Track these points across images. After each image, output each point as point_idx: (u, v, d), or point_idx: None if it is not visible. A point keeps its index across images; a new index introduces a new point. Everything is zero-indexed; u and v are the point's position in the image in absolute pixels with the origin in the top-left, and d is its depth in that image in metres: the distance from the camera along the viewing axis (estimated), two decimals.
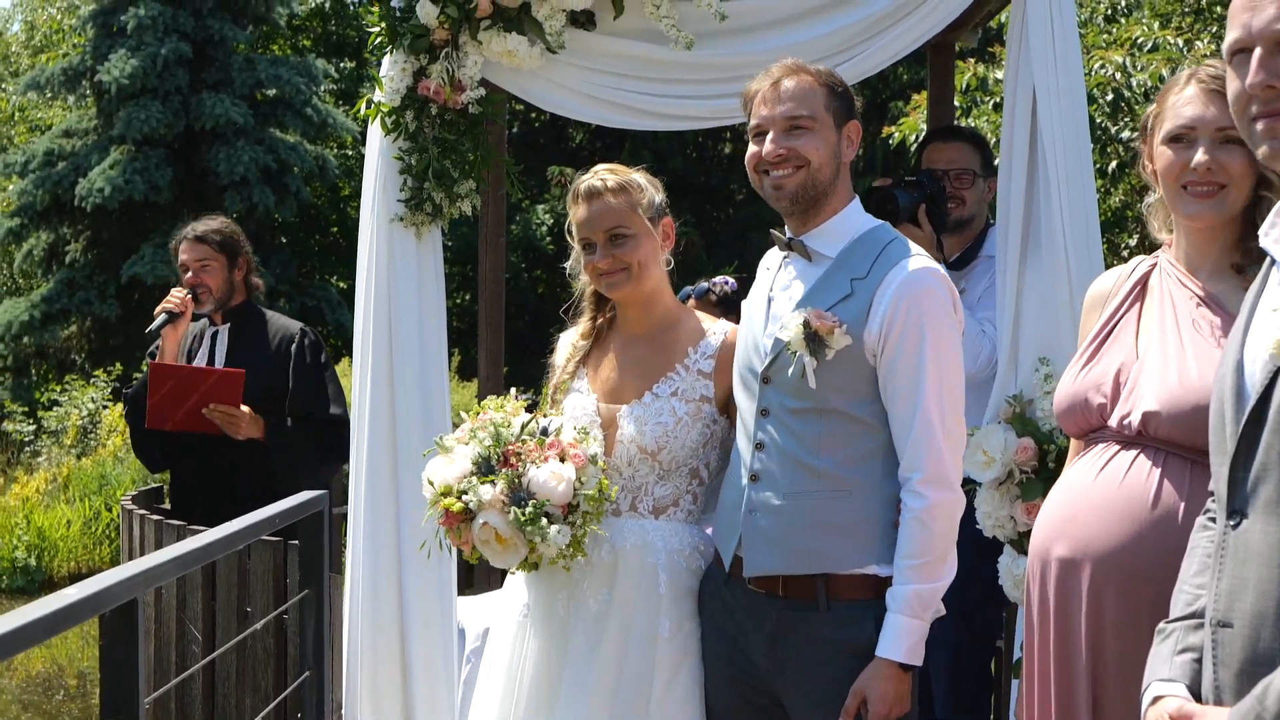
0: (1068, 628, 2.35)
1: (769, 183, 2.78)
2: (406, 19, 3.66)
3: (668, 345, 2.97)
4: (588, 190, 2.96)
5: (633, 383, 2.96)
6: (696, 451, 2.91)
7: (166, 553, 2.29)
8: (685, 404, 2.90)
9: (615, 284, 2.95)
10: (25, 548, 10.89)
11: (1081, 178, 3.47)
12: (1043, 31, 3.50)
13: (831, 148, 2.75)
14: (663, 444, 2.88)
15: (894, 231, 2.81)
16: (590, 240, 2.95)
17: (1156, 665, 1.96)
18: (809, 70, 2.78)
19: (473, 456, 2.84)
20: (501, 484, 2.78)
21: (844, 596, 2.66)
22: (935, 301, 2.66)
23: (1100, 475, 2.36)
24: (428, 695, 3.62)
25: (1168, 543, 2.17)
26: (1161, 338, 2.38)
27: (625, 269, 2.93)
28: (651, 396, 2.92)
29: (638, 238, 2.94)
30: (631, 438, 2.90)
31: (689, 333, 2.98)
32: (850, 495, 2.66)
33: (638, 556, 2.87)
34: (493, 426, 2.87)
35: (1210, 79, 2.39)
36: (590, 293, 3.09)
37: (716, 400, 2.93)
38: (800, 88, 2.75)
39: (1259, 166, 2.32)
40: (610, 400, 2.97)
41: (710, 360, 2.94)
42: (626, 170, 3.01)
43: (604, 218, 2.93)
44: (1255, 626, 1.76)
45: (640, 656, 2.82)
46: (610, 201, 2.93)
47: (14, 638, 1.80)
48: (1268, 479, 1.76)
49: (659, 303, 3.00)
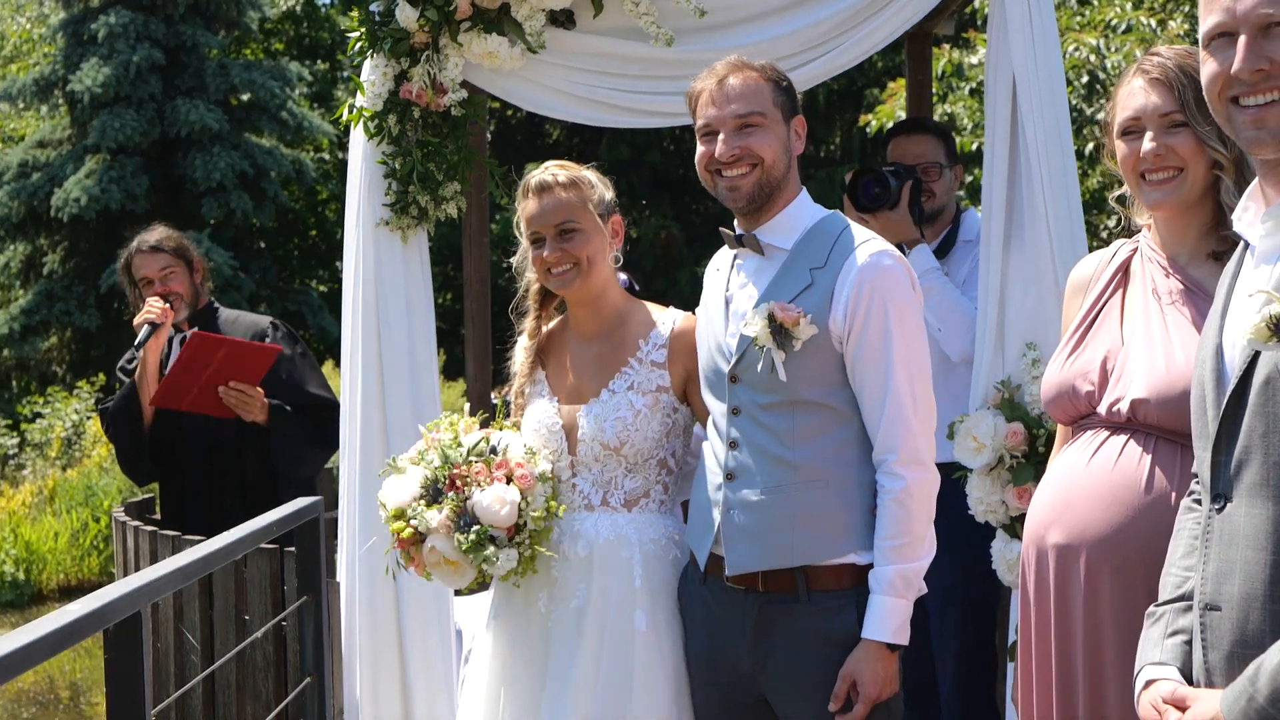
0: (1066, 612, 2.37)
1: (723, 184, 2.78)
2: (386, 22, 3.66)
3: (619, 341, 2.99)
4: (538, 184, 2.96)
5: (589, 382, 2.98)
6: (660, 442, 2.94)
7: (167, 565, 2.30)
8: (642, 396, 2.93)
9: (565, 280, 2.96)
10: (14, 561, 10.86)
11: (1063, 162, 3.50)
12: (1021, 18, 3.52)
13: (782, 143, 2.76)
14: (624, 438, 2.90)
15: (844, 219, 2.82)
16: (540, 234, 2.96)
17: (1148, 648, 1.98)
18: (753, 66, 2.78)
19: (421, 480, 2.87)
20: (447, 509, 2.82)
21: (824, 587, 2.68)
22: (896, 282, 2.69)
23: (1092, 461, 2.38)
24: (427, 696, 3.64)
25: (1161, 526, 2.19)
26: (1146, 324, 2.41)
27: (575, 264, 2.94)
28: (608, 393, 2.94)
29: (587, 233, 2.95)
30: (594, 435, 2.92)
31: (638, 325, 3.00)
32: (827, 486, 2.67)
33: (612, 550, 2.89)
34: (440, 448, 2.89)
35: (1153, 68, 2.43)
36: (535, 290, 3.11)
37: (674, 389, 2.95)
38: (747, 85, 2.75)
39: (1209, 148, 2.36)
40: (570, 401, 2.99)
41: (662, 350, 2.96)
42: (577, 167, 3.02)
43: (555, 212, 2.94)
44: (1244, 609, 1.79)
45: (618, 650, 2.85)
46: (561, 196, 2.95)
47: (21, 655, 1.81)
48: (1250, 462, 1.79)
49: (608, 300, 3.02)
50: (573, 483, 2.96)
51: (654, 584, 2.89)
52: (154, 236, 4.69)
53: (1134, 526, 2.29)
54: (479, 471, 2.84)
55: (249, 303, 15.66)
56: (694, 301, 3.04)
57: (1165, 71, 2.39)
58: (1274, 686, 1.70)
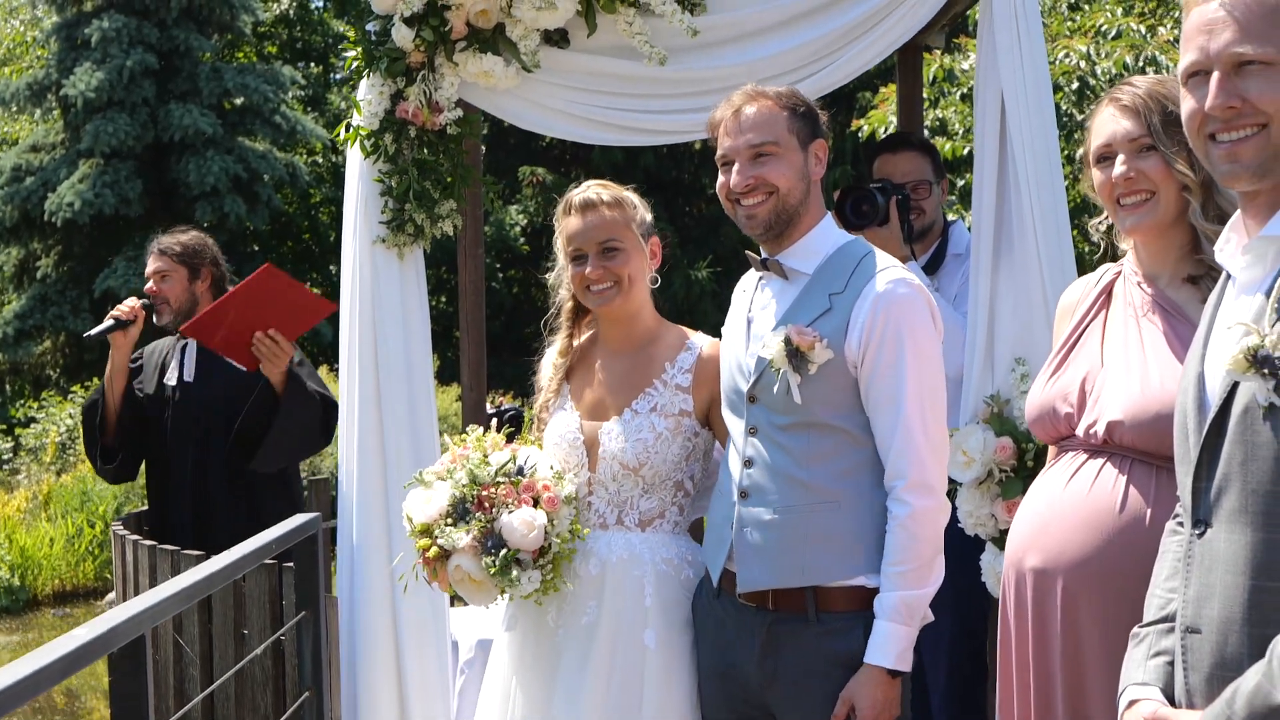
0: (1045, 634, 2.41)
1: (742, 212, 2.81)
2: (382, 42, 3.70)
3: (646, 361, 3.01)
4: (583, 202, 2.99)
5: (613, 399, 3.00)
6: (679, 465, 2.96)
7: (169, 587, 2.33)
8: (665, 419, 2.95)
9: (606, 298, 2.98)
10: (9, 567, 10.87)
11: (1051, 180, 3.55)
12: (1009, 36, 3.57)
13: (798, 170, 2.78)
14: (644, 460, 2.92)
15: (868, 245, 2.84)
16: (582, 251, 2.98)
17: (1131, 669, 2.02)
18: (768, 95, 2.80)
19: (449, 497, 2.90)
20: (475, 530, 2.84)
21: (833, 608, 2.70)
22: (913, 311, 2.71)
23: (1069, 485, 2.43)
24: (424, 708, 3.68)
25: (1136, 548, 2.24)
26: (1124, 346, 2.46)
27: (616, 282, 2.97)
28: (631, 413, 2.96)
29: (629, 252, 2.98)
30: (614, 455, 2.94)
31: (667, 347, 3.02)
32: (839, 507, 2.69)
33: (624, 569, 2.92)
34: (468, 467, 2.92)
35: (1123, 95, 2.51)
36: (569, 308, 3.12)
37: (696, 413, 2.97)
38: (761, 114, 2.77)
39: (1175, 170, 2.43)
40: (593, 418, 3.01)
41: (688, 374, 2.98)
42: (619, 187, 3.05)
43: (599, 229, 2.97)
44: (1223, 632, 1.83)
45: (628, 667, 2.87)
46: (605, 214, 2.97)
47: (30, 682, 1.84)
48: (1230, 489, 1.83)
49: (641, 320, 3.04)
50: (588, 500, 2.98)
51: (665, 603, 2.91)
52: (169, 238, 4.73)
53: (1110, 550, 2.34)
54: (506, 493, 2.87)
55: None
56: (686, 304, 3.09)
57: (1134, 99, 2.47)
58: (1251, 709, 1.73)
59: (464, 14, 3.65)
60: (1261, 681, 1.72)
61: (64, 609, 10.72)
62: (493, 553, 2.81)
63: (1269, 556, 1.77)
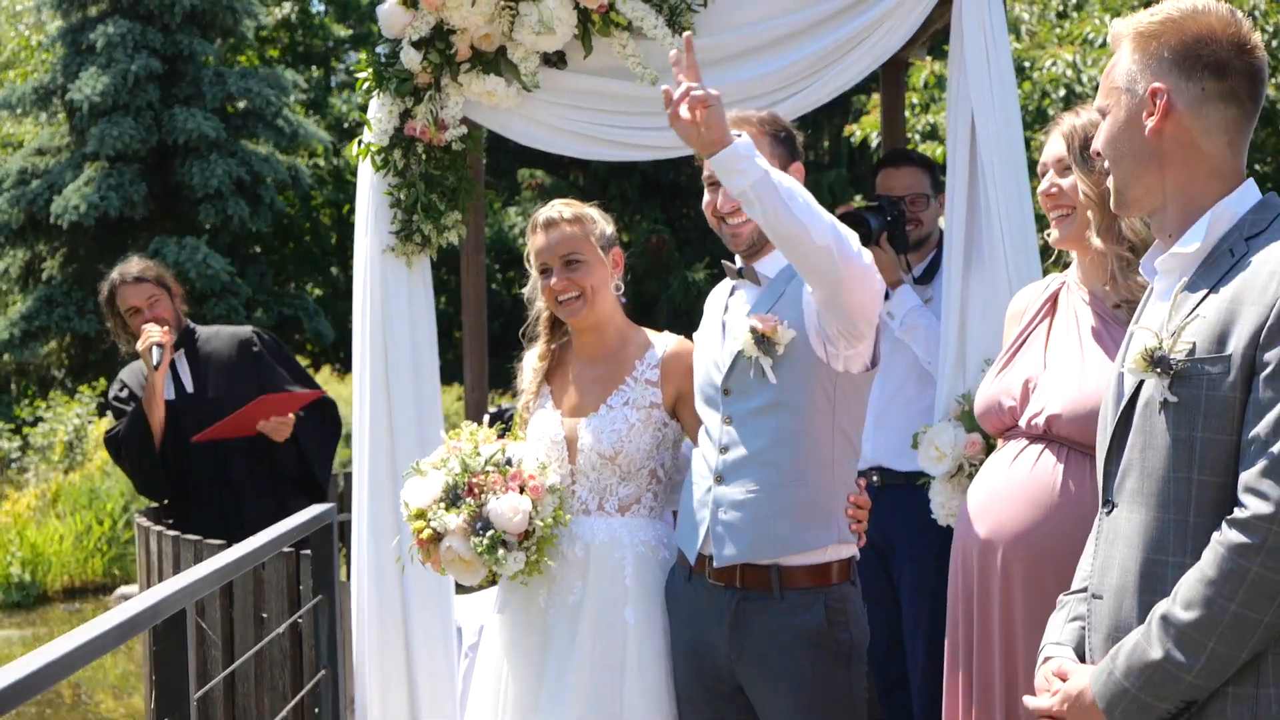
0: (986, 598, 2.68)
1: (727, 230, 3.08)
2: (391, 64, 3.94)
3: (618, 362, 3.29)
4: (545, 220, 3.27)
5: (590, 398, 3.28)
6: (651, 454, 3.23)
7: (204, 567, 2.58)
8: (636, 411, 3.22)
9: (574, 310, 3.26)
10: (20, 563, 11.01)
11: (1018, 189, 3.76)
12: (978, 49, 3.78)
13: None
14: (619, 449, 3.20)
15: None
16: (548, 265, 3.27)
17: (1052, 630, 2.28)
18: (751, 121, 3.04)
19: (443, 484, 3.17)
20: (465, 513, 3.11)
21: (796, 585, 2.96)
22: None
23: (1012, 467, 2.71)
24: (430, 687, 3.91)
25: (1068, 524, 2.50)
26: (1065, 350, 2.73)
27: (580, 293, 3.24)
28: (606, 408, 3.24)
29: (590, 264, 3.25)
30: (591, 446, 3.21)
31: (636, 347, 3.31)
32: (806, 484, 2.96)
33: (606, 551, 3.19)
34: (461, 456, 3.19)
35: (1062, 123, 2.83)
36: (546, 317, 3.41)
37: (665, 405, 3.25)
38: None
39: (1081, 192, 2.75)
40: (572, 415, 3.29)
41: (655, 370, 3.26)
42: (581, 204, 3.33)
43: (561, 245, 3.25)
44: (1118, 599, 2.09)
45: (611, 643, 3.13)
46: (566, 230, 3.25)
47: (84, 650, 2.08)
48: (1131, 473, 2.08)
49: (611, 326, 3.32)
50: (572, 489, 3.25)
51: (644, 582, 3.17)
52: (135, 268, 4.97)
53: (1045, 524, 2.61)
54: (495, 481, 3.14)
55: (245, 307, 15.83)
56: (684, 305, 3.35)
57: (1068, 125, 2.78)
58: (1130, 663, 2.01)
59: (468, 38, 3.90)
60: (1140, 641, 2.00)
61: (74, 604, 10.86)
62: (481, 534, 3.07)
63: (1159, 534, 2.03)
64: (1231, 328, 1.98)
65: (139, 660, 9.46)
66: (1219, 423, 1.98)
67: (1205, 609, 1.93)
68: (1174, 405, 2.01)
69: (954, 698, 2.79)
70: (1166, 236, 2.15)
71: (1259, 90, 2.09)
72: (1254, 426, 1.94)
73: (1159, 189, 2.12)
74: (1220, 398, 1.97)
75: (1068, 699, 2.11)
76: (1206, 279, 2.05)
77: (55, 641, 1.99)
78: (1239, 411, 1.96)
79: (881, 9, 3.88)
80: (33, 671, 1.85)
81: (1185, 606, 1.96)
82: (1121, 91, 2.12)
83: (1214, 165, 2.09)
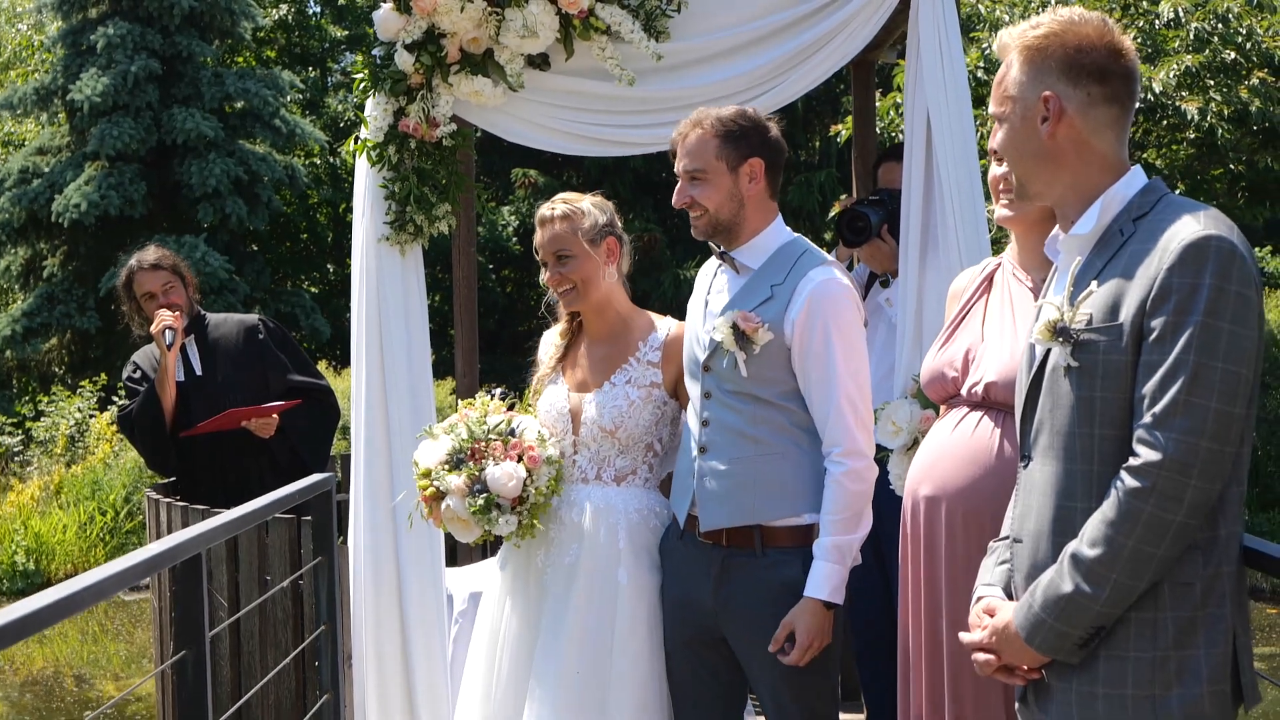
0: (933, 550, 2.95)
1: (691, 221, 3.33)
2: (386, 66, 4.21)
3: (623, 343, 3.53)
4: (540, 218, 3.53)
5: (595, 376, 3.52)
6: (650, 429, 3.47)
7: (216, 520, 2.85)
8: (637, 389, 3.46)
9: (569, 300, 3.52)
10: (24, 552, 11.22)
11: (970, 181, 4.04)
12: (933, 51, 4.05)
13: (726, 191, 3.23)
14: (619, 423, 3.44)
15: (808, 244, 3.32)
16: (544, 260, 3.52)
17: (983, 573, 2.54)
18: (705, 124, 3.24)
19: (449, 448, 3.42)
20: (464, 476, 3.38)
21: (777, 544, 3.20)
22: (839, 305, 3.19)
23: (955, 430, 2.97)
24: (423, 642, 4.17)
25: (1006, 481, 2.76)
26: (1000, 324, 3.00)
27: (572, 286, 3.48)
28: (609, 385, 3.48)
29: (578, 259, 3.48)
30: (594, 419, 3.46)
31: (639, 330, 3.54)
32: (783, 458, 3.20)
33: (601, 517, 3.43)
34: (468, 423, 3.45)
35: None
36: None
37: (665, 385, 3.48)
38: (694, 142, 3.24)
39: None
40: (579, 390, 3.53)
41: (657, 351, 3.49)
42: (577, 197, 3.55)
43: (551, 242, 3.49)
44: (1036, 541, 2.35)
45: (603, 602, 3.38)
46: (555, 228, 3.49)
47: (115, 580, 2.34)
48: (1043, 430, 2.34)
49: (612, 309, 3.54)
50: (574, 459, 3.49)
51: (636, 546, 3.41)
52: (152, 256, 5.26)
53: (984, 482, 2.87)
54: (496, 448, 3.40)
55: (243, 305, 15.97)
56: (677, 301, 3.61)
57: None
58: (1046, 597, 2.26)
59: (458, 41, 4.17)
60: (1054, 578, 2.26)
61: None
62: (476, 496, 3.33)
63: (1068, 483, 2.29)
64: (1122, 300, 2.23)
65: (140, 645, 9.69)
66: (1115, 383, 2.23)
67: (1107, 546, 2.18)
68: (1076, 369, 2.26)
69: (904, 637, 3.06)
70: (1067, 221, 2.41)
71: (1134, 89, 2.36)
72: (1144, 385, 2.19)
73: (1057, 182, 2.38)
74: (1115, 361, 2.22)
75: (995, 632, 2.37)
76: (1101, 256, 2.32)
77: (91, 571, 2.26)
78: (1131, 373, 2.21)
79: (843, 15, 4.16)
80: (70, 594, 2.11)
81: (1090, 545, 2.20)
82: (1015, 100, 2.38)
83: (1104, 158, 2.36)
